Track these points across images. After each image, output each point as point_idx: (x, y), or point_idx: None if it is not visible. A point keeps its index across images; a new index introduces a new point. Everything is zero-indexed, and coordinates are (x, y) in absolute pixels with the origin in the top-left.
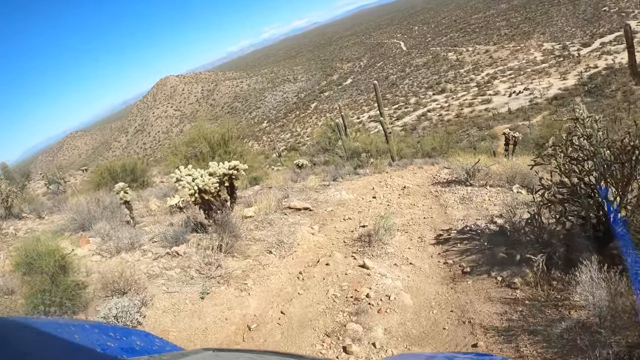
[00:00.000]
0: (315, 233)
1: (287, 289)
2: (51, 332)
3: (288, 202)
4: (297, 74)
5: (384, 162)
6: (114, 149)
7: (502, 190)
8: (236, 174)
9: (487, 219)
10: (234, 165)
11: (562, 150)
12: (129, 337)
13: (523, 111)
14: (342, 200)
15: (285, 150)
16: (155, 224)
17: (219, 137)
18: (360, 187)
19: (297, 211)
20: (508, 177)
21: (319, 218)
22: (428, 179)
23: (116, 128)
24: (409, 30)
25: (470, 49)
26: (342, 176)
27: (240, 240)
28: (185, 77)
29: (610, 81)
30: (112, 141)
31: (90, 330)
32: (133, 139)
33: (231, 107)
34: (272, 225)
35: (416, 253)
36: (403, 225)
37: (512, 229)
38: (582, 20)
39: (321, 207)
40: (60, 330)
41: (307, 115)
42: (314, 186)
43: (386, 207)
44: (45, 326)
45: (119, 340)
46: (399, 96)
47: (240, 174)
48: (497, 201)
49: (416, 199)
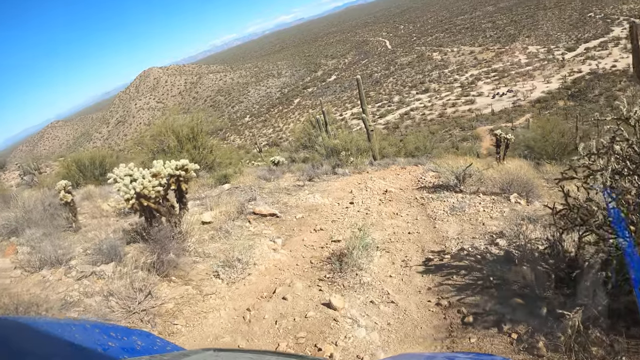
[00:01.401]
0: (277, 248)
1: (224, 338)
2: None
3: (254, 205)
4: (281, 69)
5: (365, 161)
6: (94, 140)
7: (498, 199)
8: (185, 175)
9: (487, 239)
10: (182, 165)
11: (607, 159)
12: (129, 337)
13: (506, 113)
14: (315, 206)
15: (267, 146)
16: (102, 229)
17: (187, 131)
18: (337, 189)
19: (262, 218)
20: (503, 184)
21: (285, 228)
22: (412, 181)
23: (97, 119)
24: (395, 28)
25: (455, 50)
26: (319, 176)
27: (186, 256)
28: (168, 69)
29: (593, 86)
30: (93, 132)
31: (91, 330)
32: (114, 130)
33: (214, 100)
34: (229, 236)
35: (400, 285)
36: (384, 242)
37: (520, 256)
38: (567, 24)
39: (290, 214)
40: (61, 329)
41: (290, 110)
42: (286, 187)
43: (364, 216)
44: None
45: (119, 340)
46: (382, 94)
47: (190, 175)
48: (495, 213)
49: (399, 207)
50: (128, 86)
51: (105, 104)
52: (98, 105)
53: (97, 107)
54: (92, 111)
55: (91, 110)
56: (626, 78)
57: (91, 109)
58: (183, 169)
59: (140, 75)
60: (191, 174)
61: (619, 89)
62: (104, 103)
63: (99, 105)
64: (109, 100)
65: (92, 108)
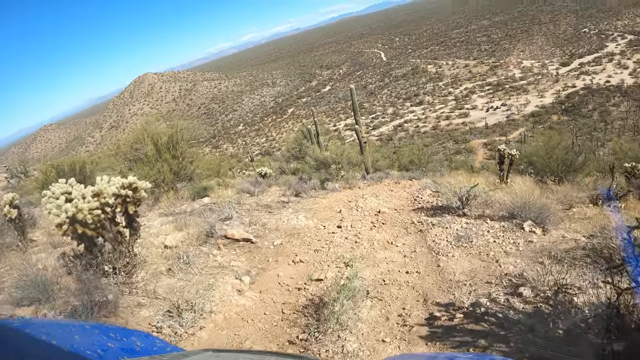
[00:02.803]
0: (243, 290)
1: None
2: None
3: (228, 227)
4: (276, 78)
5: (357, 175)
6: (87, 144)
7: (508, 226)
8: (133, 195)
9: (506, 285)
10: (128, 183)
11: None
12: (129, 338)
13: (500, 127)
14: (297, 229)
15: (260, 155)
16: (54, 251)
17: (165, 140)
18: (325, 207)
19: (235, 243)
20: (514, 208)
21: (259, 258)
22: (407, 200)
23: (91, 123)
24: (390, 40)
25: (450, 63)
26: (306, 191)
27: (132, 295)
28: (163, 75)
29: (587, 101)
30: (86, 136)
31: (90, 331)
32: (107, 135)
33: (208, 108)
34: (190, 268)
35: None
36: (375, 285)
37: (553, 314)
38: (562, 40)
39: (268, 239)
40: (61, 331)
41: (283, 120)
42: (269, 203)
43: (353, 245)
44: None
45: (119, 341)
46: (376, 105)
47: (140, 195)
48: (508, 246)
49: (394, 233)
50: (123, 91)
51: (99, 108)
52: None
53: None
54: (86, 115)
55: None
56: (620, 94)
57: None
58: (130, 187)
59: (135, 80)
60: (141, 195)
61: (613, 105)
62: (99, 107)
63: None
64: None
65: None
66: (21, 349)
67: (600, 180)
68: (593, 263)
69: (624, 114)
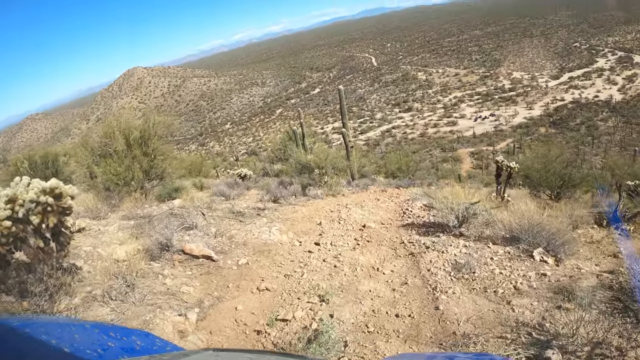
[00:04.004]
0: (187, 332)
1: None
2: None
3: (190, 238)
4: (266, 78)
5: (342, 181)
6: (73, 135)
7: (514, 252)
8: (56, 204)
9: (525, 343)
10: (50, 188)
11: None
12: (129, 337)
13: (487, 136)
14: (268, 244)
15: (246, 154)
16: None
17: (137, 135)
18: (303, 217)
19: (193, 260)
20: (521, 231)
21: (217, 283)
22: (396, 212)
23: (78, 114)
24: (382, 46)
25: (440, 71)
26: (286, 198)
27: None
28: (153, 69)
29: (575, 115)
30: (73, 127)
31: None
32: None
33: (196, 105)
34: (129, 295)
35: None
36: (356, 332)
37: None
38: (552, 53)
39: (232, 256)
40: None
41: (271, 120)
42: (243, 210)
43: (332, 270)
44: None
45: (119, 340)
46: (365, 110)
47: (65, 203)
48: (518, 279)
49: (381, 255)
50: (111, 84)
51: (88, 100)
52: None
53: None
54: (74, 106)
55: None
56: (608, 109)
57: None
58: (53, 193)
59: (125, 74)
60: (67, 202)
61: (601, 119)
62: (87, 99)
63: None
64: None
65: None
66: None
67: (598, 198)
68: (625, 310)
69: (611, 129)
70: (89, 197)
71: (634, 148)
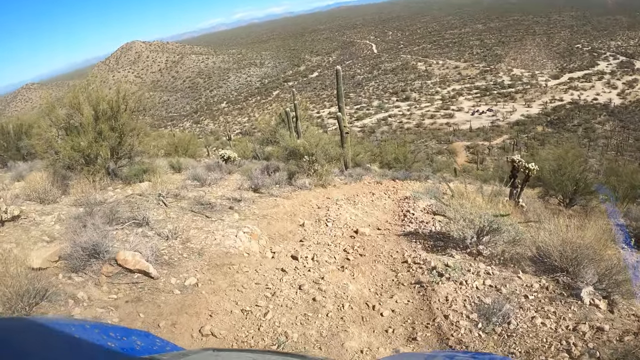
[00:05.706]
0: None
1: None
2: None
3: (130, 238)
4: (265, 59)
5: (334, 169)
6: None
7: (552, 287)
8: None
9: None
10: None
11: None
12: (129, 337)
13: (484, 131)
14: (231, 255)
15: (240, 134)
16: None
17: (105, 107)
18: (284, 214)
19: (126, 275)
20: (560, 258)
21: (144, 318)
22: (395, 213)
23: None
24: (383, 34)
25: (440, 62)
26: (268, 187)
27: None
28: (152, 44)
29: (573, 116)
30: None
31: (90, 330)
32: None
33: (193, 82)
34: None
35: None
36: None
37: None
38: (554, 52)
39: (180, 270)
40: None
41: (267, 102)
42: (214, 200)
43: (309, 307)
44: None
45: (119, 340)
46: (362, 97)
47: None
48: (570, 336)
49: (378, 281)
50: (109, 57)
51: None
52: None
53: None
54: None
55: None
56: (606, 112)
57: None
58: None
59: (122, 47)
60: None
61: (598, 122)
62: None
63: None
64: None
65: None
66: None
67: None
68: None
69: (608, 132)
70: (41, 176)
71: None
